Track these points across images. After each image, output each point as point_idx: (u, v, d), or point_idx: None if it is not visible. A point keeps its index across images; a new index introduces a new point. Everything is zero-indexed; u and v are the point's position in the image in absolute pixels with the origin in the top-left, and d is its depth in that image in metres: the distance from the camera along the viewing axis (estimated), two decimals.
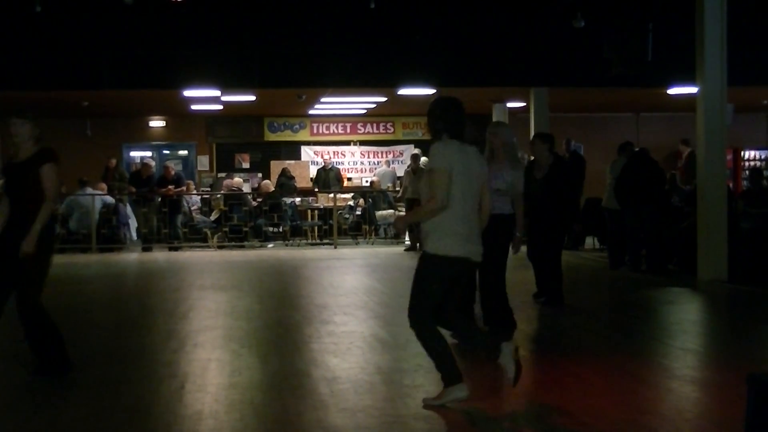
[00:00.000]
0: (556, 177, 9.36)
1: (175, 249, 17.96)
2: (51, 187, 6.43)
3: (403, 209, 18.15)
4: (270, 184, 19.74)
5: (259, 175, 22.57)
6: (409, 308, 5.54)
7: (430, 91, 17.43)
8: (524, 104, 19.39)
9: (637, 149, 14.11)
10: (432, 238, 5.43)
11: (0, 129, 22.41)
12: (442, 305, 5.55)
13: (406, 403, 5.62)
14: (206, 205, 19.98)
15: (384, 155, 23.15)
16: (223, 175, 21.94)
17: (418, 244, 16.91)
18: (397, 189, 18.92)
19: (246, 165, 23.12)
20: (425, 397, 5.60)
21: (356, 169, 23.37)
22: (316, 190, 21.01)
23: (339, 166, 23.04)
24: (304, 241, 19.31)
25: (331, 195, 19.58)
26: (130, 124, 22.66)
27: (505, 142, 7.97)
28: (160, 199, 18.28)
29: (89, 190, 18.24)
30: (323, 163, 21.99)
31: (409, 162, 19.87)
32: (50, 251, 6.72)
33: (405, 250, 17.20)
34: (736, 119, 17.13)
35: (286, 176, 21.02)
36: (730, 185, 14.74)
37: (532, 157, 10.02)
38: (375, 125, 23.44)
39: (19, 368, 6.68)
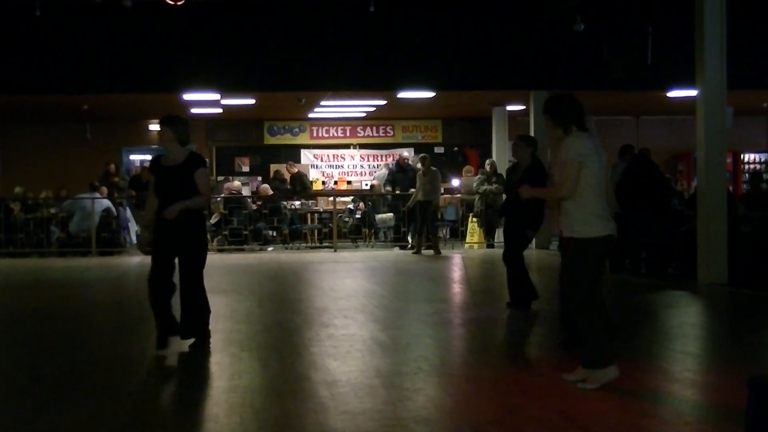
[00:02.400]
0: (528, 181, 9.24)
1: None
2: (205, 189, 7.38)
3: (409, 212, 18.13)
4: (269, 188, 19.74)
5: (259, 178, 22.58)
6: (570, 295, 5.99)
7: (430, 94, 17.46)
8: (524, 107, 19.41)
9: (637, 150, 14.09)
10: (578, 224, 5.91)
11: (1, 133, 22.42)
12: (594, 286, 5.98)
13: (407, 406, 5.62)
14: (206, 209, 19.96)
15: (384, 158, 23.15)
16: (222, 178, 21.95)
17: (433, 249, 16.94)
18: (398, 192, 18.92)
19: (246, 168, 23.13)
20: (580, 384, 5.89)
21: (356, 172, 23.37)
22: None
23: (339, 169, 23.09)
24: (304, 245, 19.31)
25: (331, 198, 19.58)
26: (129, 128, 22.67)
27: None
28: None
29: (97, 195, 18.27)
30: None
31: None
32: (205, 235, 7.77)
33: (413, 253, 17.19)
34: (735, 122, 17.13)
35: (278, 179, 20.70)
36: (730, 189, 14.74)
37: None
38: (375, 128, 23.45)
39: (30, 381, 6.63)
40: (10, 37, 15.60)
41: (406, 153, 20.30)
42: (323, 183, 22.96)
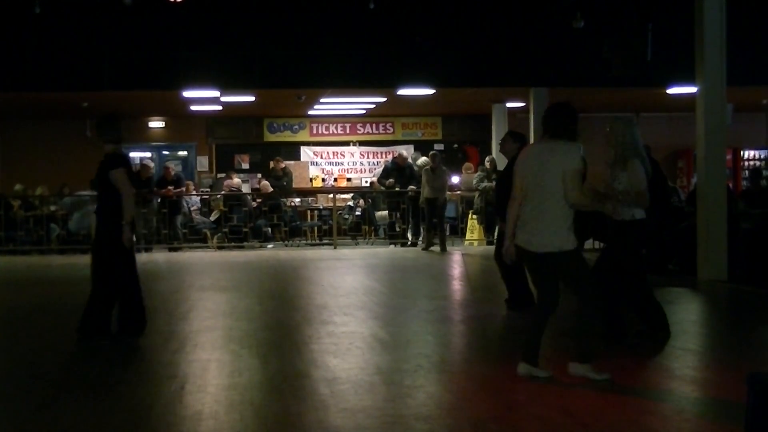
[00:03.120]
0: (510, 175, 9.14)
1: (175, 250, 17.96)
2: (124, 189, 7.68)
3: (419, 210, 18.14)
4: (269, 185, 19.72)
5: (259, 175, 22.55)
6: (587, 294, 6.07)
7: (430, 91, 17.44)
8: (524, 104, 19.39)
9: None
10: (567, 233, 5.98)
11: (0, 130, 22.43)
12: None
13: (407, 403, 5.62)
14: (206, 206, 19.97)
15: (384, 156, 23.14)
16: (222, 175, 21.93)
17: (440, 246, 16.95)
18: (397, 189, 18.93)
19: (246, 166, 23.10)
20: (591, 376, 6.03)
21: (356, 169, 23.37)
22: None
23: (338, 166, 23.08)
24: (304, 242, 19.31)
25: (331, 195, 19.58)
26: (129, 125, 22.54)
27: (621, 137, 7.41)
28: (159, 200, 18.28)
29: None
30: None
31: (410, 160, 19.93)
32: (117, 236, 7.77)
33: (423, 249, 17.21)
34: (735, 119, 17.16)
35: (274, 177, 20.41)
36: (730, 185, 14.74)
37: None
38: (375, 125, 23.43)
39: (31, 378, 6.64)
40: (10, 34, 15.59)
41: (405, 152, 20.26)
42: (323, 180, 22.96)
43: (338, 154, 23.36)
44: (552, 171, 5.91)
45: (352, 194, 20.63)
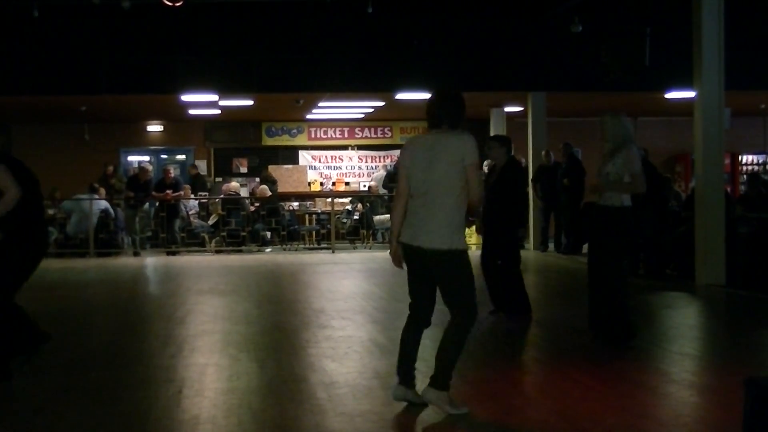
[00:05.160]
0: (505, 180, 9.15)
1: (173, 253, 17.96)
2: (5, 186, 6.55)
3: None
4: (267, 189, 19.72)
5: (257, 179, 22.55)
6: (470, 306, 5.45)
7: (428, 95, 17.43)
8: (522, 109, 19.41)
9: None
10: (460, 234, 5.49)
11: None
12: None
13: (404, 407, 5.62)
14: (204, 210, 19.97)
15: (382, 160, 23.16)
16: (220, 179, 21.92)
17: None
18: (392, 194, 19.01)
19: (244, 170, 23.11)
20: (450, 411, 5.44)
21: (354, 173, 23.37)
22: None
23: (337, 171, 23.10)
24: (302, 246, 19.31)
25: (329, 199, 19.58)
26: (128, 129, 22.65)
27: (612, 129, 7.66)
28: (158, 204, 18.28)
29: (96, 196, 18.23)
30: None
31: None
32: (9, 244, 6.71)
33: None
34: (733, 123, 17.17)
35: (269, 181, 20.39)
36: (728, 190, 14.75)
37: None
38: (373, 130, 23.45)
39: (29, 382, 6.63)
40: (8, 37, 15.58)
41: None
42: (321, 184, 22.96)
43: (336, 158, 23.37)
44: (445, 164, 5.38)
45: (350, 198, 20.64)
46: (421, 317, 5.64)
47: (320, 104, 19.55)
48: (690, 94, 12.90)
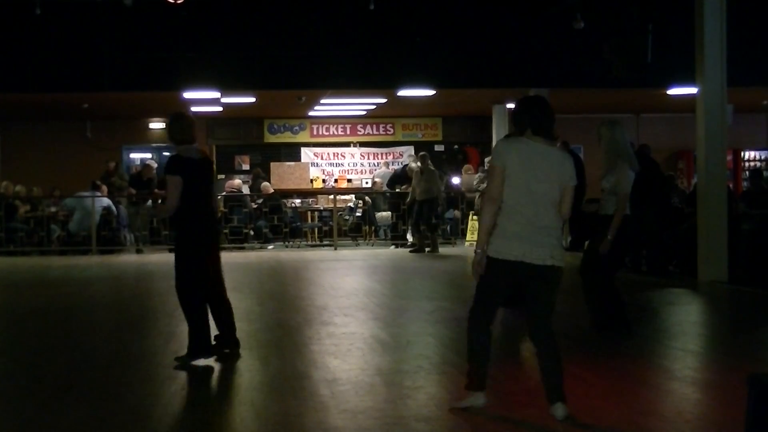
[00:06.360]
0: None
1: None
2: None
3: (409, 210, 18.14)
4: (269, 186, 19.71)
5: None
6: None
7: (430, 92, 17.44)
8: None
9: (636, 148, 14.05)
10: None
11: (1, 131, 22.41)
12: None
13: (407, 404, 5.62)
14: None
15: (384, 156, 23.15)
16: (222, 176, 21.91)
17: (427, 248, 16.91)
18: (398, 190, 18.95)
19: (246, 167, 23.10)
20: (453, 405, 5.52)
21: (356, 170, 23.37)
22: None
23: (339, 167, 23.10)
24: (305, 243, 19.31)
25: (331, 196, 19.57)
26: (130, 126, 22.65)
27: (607, 141, 7.96)
28: (160, 201, 18.25)
29: (98, 193, 18.24)
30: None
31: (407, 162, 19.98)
32: None
33: (411, 251, 17.16)
34: (736, 120, 17.12)
35: (261, 177, 20.39)
36: (731, 186, 14.74)
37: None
38: (375, 126, 23.43)
39: (31, 380, 6.63)
40: (10, 35, 15.60)
41: (414, 164, 19.51)
42: (323, 181, 22.96)
43: (338, 155, 23.36)
44: (557, 178, 5.22)
45: (352, 195, 20.62)
46: (491, 321, 5.65)
47: (322, 101, 19.55)
48: (692, 90, 12.88)
